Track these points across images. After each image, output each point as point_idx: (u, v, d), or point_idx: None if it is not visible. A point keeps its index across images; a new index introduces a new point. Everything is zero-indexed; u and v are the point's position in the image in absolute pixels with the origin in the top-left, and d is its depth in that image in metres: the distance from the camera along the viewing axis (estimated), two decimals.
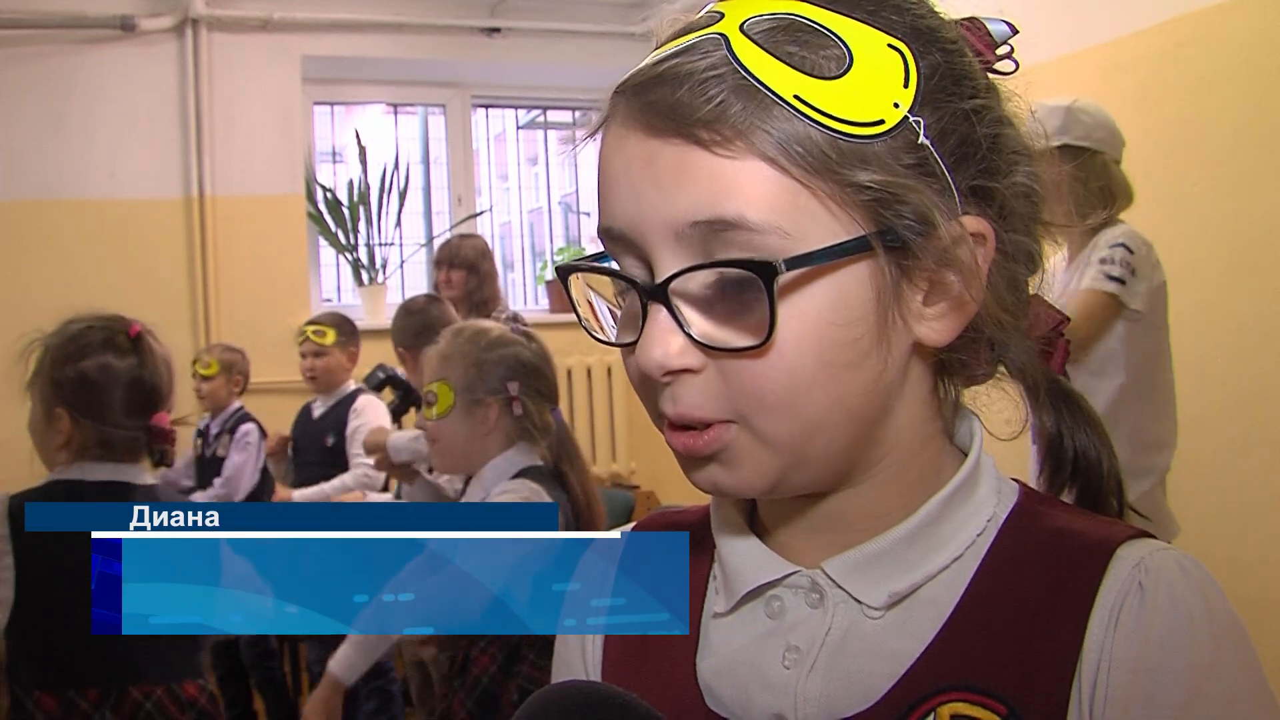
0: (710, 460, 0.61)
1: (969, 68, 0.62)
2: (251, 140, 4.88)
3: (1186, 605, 0.58)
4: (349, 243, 5.23)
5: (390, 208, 5.34)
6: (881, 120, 0.57)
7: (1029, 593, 0.61)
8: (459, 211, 5.50)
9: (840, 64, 0.57)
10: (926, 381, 0.65)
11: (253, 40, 4.91)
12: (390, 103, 5.56)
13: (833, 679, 0.62)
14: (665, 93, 0.57)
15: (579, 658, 0.76)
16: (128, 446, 1.81)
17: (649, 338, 0.59)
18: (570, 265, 0.65)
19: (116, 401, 1.79)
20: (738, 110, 0.55)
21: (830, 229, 0.56)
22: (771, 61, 0.56)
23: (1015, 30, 0.65)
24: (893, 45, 0.58)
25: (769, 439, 0.59)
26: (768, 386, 0.57)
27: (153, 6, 4.76)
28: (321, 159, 5.39)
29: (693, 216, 0.56)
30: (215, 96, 4.83)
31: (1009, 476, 0.68)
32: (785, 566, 0.66)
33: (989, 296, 0.61)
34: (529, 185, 5.94)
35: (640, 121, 0.58)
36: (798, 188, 0.56)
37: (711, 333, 0.58)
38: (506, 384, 2.06)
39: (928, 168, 0.58)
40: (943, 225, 0.58)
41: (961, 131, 0.60)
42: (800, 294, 0.57)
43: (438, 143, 5.60)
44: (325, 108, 5.41)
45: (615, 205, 0.60)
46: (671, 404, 0.60)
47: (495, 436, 2.07)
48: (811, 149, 0.55)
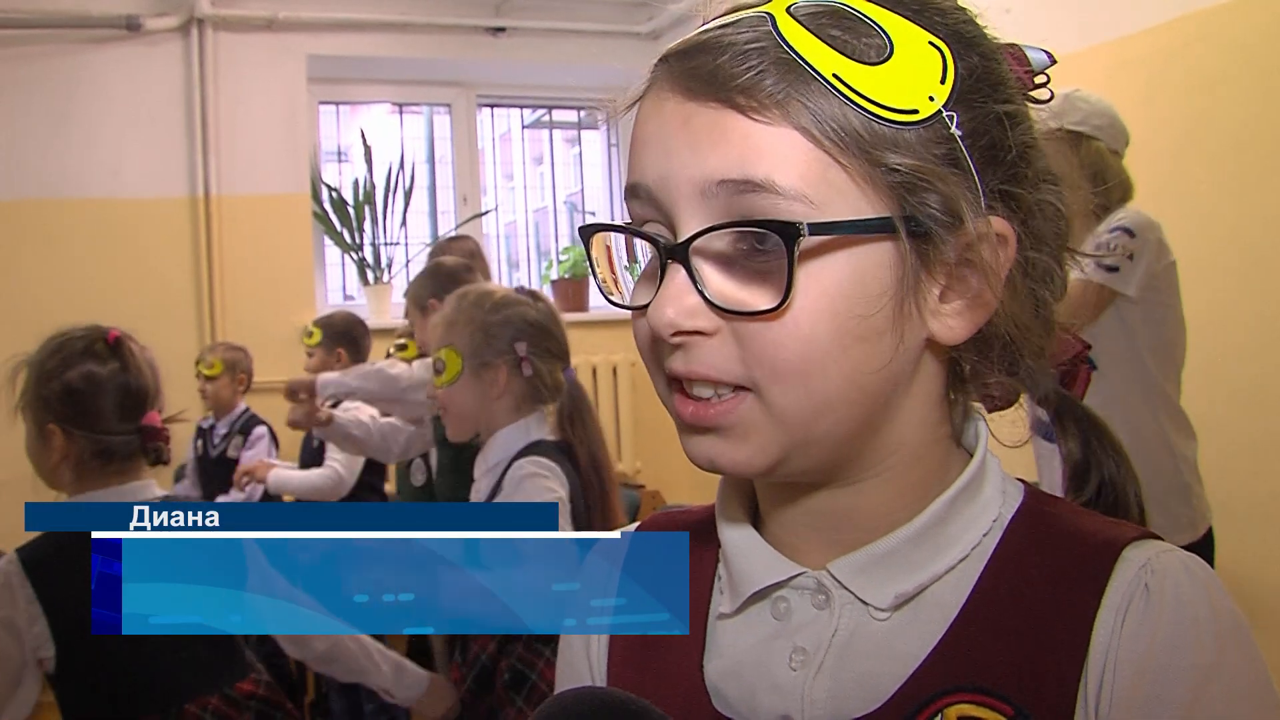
0: (712, 432, 0.61)
1: (1005, 76, 0.63)
2: (257, 140, 4.89)
3: (1192, 606, 0.58)
4: (354, 242, 5.23)
5: (395, 207, 5.34)
6: (916, 110, 0.58)
7: (1035, 594, 0.61)
8: (464, 211, 5.50)
9: (881, 52, 0.58)
10: (938, 383, 0.65)
11: (258, 40, 4.92)
12: (395, 102, 5.56)
13: (840, 680, 0.62)
14: (706, 59, 0.59)
15: (584, 660, 0.76)
16: (124, 452, 1.79)
17: (663, 296, 0.59)
18: (593, 225, 0.66)
19: (106, 408, 1.78)
20: (776, 80, 0.57)
21: (856, 205, 0.58)
22: (814, 41, 0.58)
23: (1053, 60, 0.67)
24: (933, 43, 0.60)
25: (780, 411, 0.59)
26: (781, 354, 0.58)
27: (158, 6, 4.77)
28: (327, 158, 5.39)
29: (722, 174, 0.58)
30: (220, 96, 4.83)
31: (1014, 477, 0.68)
32: (791, 568, 0.66)
33: (1006, 301, 0.62)
34: (534, 185, 5.94)
35: (680, 85, 0.60)
36: (828, 160, 0.57)
37: (728, 294, 0.59)
38: (514, 344, 2.03)
39: (957, 162, 0.59)
40: (969, 218, 0.59)
41: (993, 134, 0.61)
42: (820, 263, 0.58)
43: (443, 142, 5.60)
44: (330, 107, 5.41)
45: (646, 162, 0.61)
46: (682, 362, 0.61)
47: (506, 400, 2.04)
48: (845, 126, 0.57)
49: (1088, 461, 0.69)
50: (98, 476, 1.79)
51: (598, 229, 0.66)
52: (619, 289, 0.67)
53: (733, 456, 0.61)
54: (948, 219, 0.58)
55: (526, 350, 2.03)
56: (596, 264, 0.67)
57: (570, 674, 0.77)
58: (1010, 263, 0.62)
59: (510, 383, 2.03)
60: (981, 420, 0.69)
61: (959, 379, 0.67)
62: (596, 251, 0.67)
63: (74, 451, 1.77)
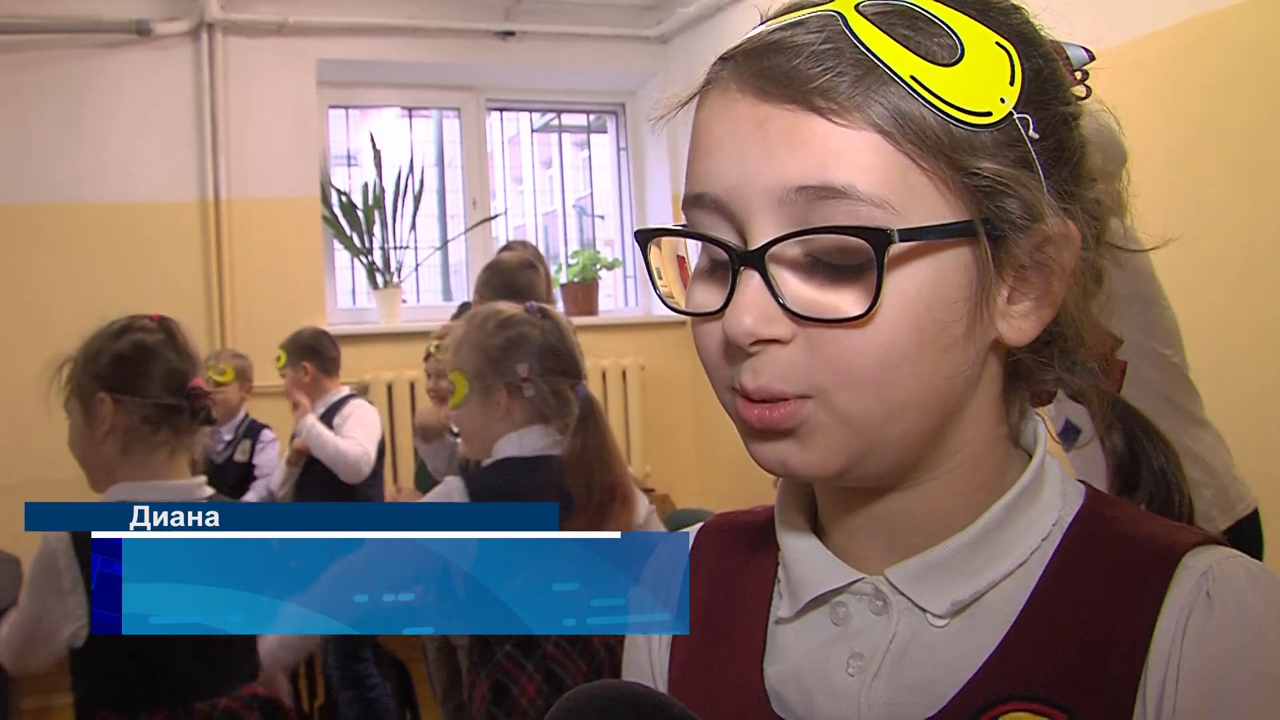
0: (783, 436, 0.60)
1: (1064, 77, 0.63)
2: (267, 144, 4.90)
3: (1256, 614, 0.57)
4: (364, 246, 5.24)
5: (405, 211, 5.35)
6: (990, 112, 0.57)
7: (1094, 601, 0.60)
8: (473, 215, 5.51)
9: (953, 53, 0.57)
10: (999, 383, 0.65)
11: (268, 44, 4.93)
12: (405, 106, 5.57)
13: (896, 687, 0.62)
14: (780, 60, 0.57)
15: (646, 660, 0.76)
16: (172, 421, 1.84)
17: (739, 304, 0.58)
18: (653, 230, 0.65)
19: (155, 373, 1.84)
20: (853, 82, 0.56)
21: (937, 209, 0.57)
22: (888, 41, 0.57)
23: (1092, 57, 0.67)
24: (1000, 44, 0.59)
25: (848, 416, 0.58)
26: (859, 361, 0.57)
27: (168, 10, 4.79)
28: (336, 162, 5.40)
29: (801, 181, 0.56)
30: (230, 100, 4.85)
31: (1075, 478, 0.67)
32: (850, 574, 0.65)
33: (1069, 300, 0.61)
34: (543, 188, 5.95)
35: (752, 86, 0.58)
36: (909, 164, 0.56)
37: (806, 301, 0.57)
38: (515, 367, 2.03)
39: (1029, 164, 0.59)
40: (1050, 220, 0.58)
41: (1060, 135, 0.60)
42: (902, 270, 0.56)
43: (452, 146, 5.61)
44: (340, 111, 5.42)
45: (715, 170, 0.59)
46: (753, 376, 0.59)
47: (509, 421, 2.04)
48: (925, 129, 0.56)
49: (1135, 457, 0.69)
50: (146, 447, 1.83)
51: (658, 233, 0.65)
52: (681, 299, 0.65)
53: (804, 458, 0.60)
54: (1025, 221, 0.58)
55: (529, 371, 2.03)
56: (660, 271, 0.65)
57: (634, 671, 0.77)
58: (1074, 261, 0.61)
59: (513, 404, 2.03)
60: (1041, 422, 0.68)
61: (1016, 378, 0.66)
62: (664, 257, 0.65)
63: (122, 420, 1.81)
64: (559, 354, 2.08)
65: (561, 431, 2.05)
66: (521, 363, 2.03)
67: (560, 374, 2.07)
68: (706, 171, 0.60)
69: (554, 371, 2.06)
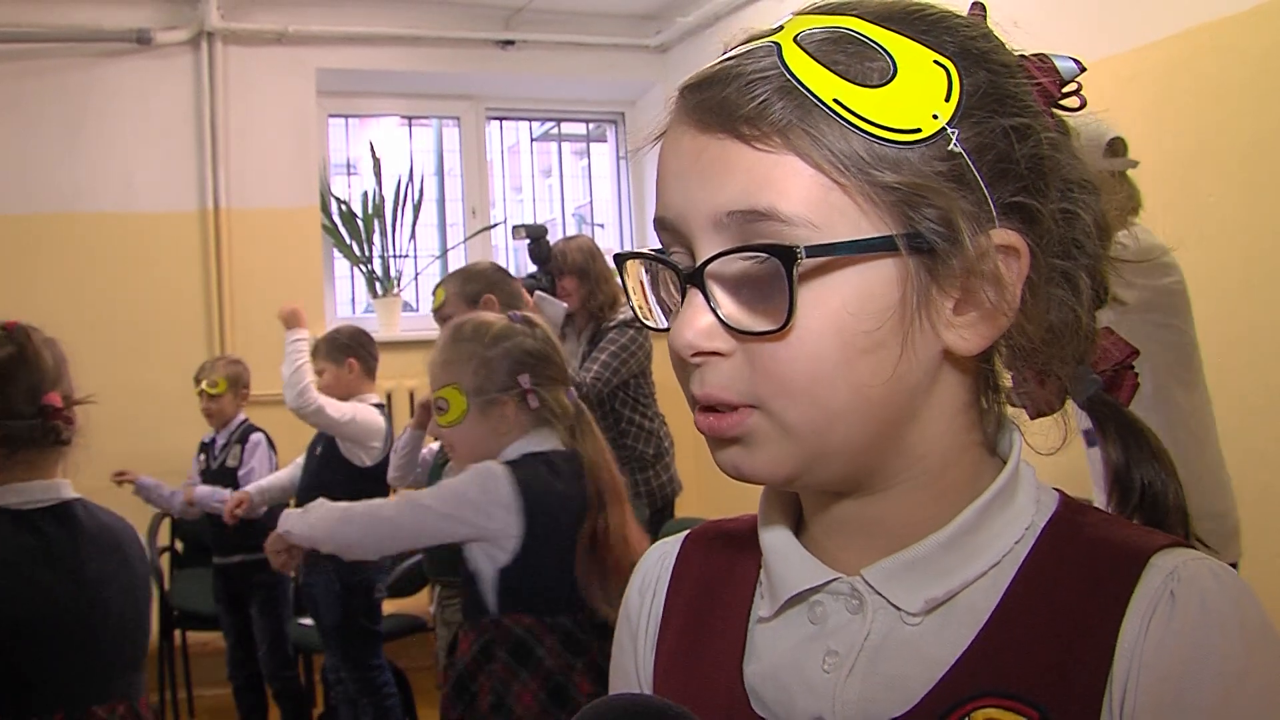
0: (734, 443, 0.64)
1: (1017, 90, 0.64)
2: (266, 153, 4.91)
3: (1219, 614, 0.59)
4: (364, 255, 5.25)
5: (405, 220, 5.36)
6: (918, 129, 0.59)
7: (1064, 600, 0.62)
8: (473, 223, 5.52)
9: (884, 75, 0.60)
10: (962, 392, 0.66)
11: (268, 53, 4.94)
12: (405, 115, 5.58)
13: (870, 683, 0.64)
14: (715, 91, 0.61)
15: (631, 662, 0.79)
16: (28, 438, 1.74)
17: (682, 319, 0.63)
18: (625, 254, 0.70)
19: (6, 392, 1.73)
20: (779, 109, 0.59)
21: (858, 225, 0.59)
22: (816, 68, 0.60)
23: (1083, 68, 0.68)
24: (938, 62, 0.61)
25: (788, 425, 0.62)
26: (789, 373, 0.60)
27: (168, 20, 4.80)
28: (336, 171, 5.41)
29: (730, 206, 0.60)
30: (230, 109, 4.86)
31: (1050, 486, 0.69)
32: (827, 573, 0.67)
33: (1024, 313, 0.63)
34: (543, 197, 5.96)
35: (693, 118, 0.63)
36: (829, 184, 0.59)
37: (739, 316, 0.61)
38: (518, 378, 2.01)
39: (963, 178, 0.60)
40: (966, 232, 0.60)
41: (1001, 148, 0.62)
42: (823, 283, 0.60)
43: (452, 155, 5.62)
44: (340, 120, 5.44)
45: (667, 197, 0.65)
46: (699, 385, 0.63)
47: (515, 433, 2.03)
48: (845, 150, 0.59)
49: (1129, 465, 0.70)
50: (6, 466, 1.74)
51: (629, 256, 0.70)
52: (653, 314, 0.69)
53: (751, 464, 0.64)
54: (948, 233, 0.60)
55: (530, 381, 2.01)
56: (632, 292, 0.70)
57: (620, 675, 0.80)
58: (1024, 274, 0.62)
59: (519, 416, 2.02)
60: (1016, 430, 0.69)
61: (991, 388, 0.68)
62: (631, 279, 0.70)
63: None
64: (553, 361, 2.09)
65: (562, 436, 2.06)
66: (523, 373, 2.02)
67: (556, 381, 2.07)
68: (662, 199, 0.65)
69: (551, 379, 2.06)
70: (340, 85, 5.18)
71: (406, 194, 5.37)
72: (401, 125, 5.60)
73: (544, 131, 5.95)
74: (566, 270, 3.71)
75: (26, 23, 4.57)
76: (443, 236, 5.57)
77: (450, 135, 5.62)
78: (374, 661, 3.72)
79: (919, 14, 0.63)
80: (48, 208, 4.61)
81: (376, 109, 5.54)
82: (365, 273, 5.28)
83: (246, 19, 4.90)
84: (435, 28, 5.18)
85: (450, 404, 2.01)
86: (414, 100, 5.53)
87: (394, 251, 5.32)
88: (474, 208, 5.55)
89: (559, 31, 5.37)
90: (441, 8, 5.19)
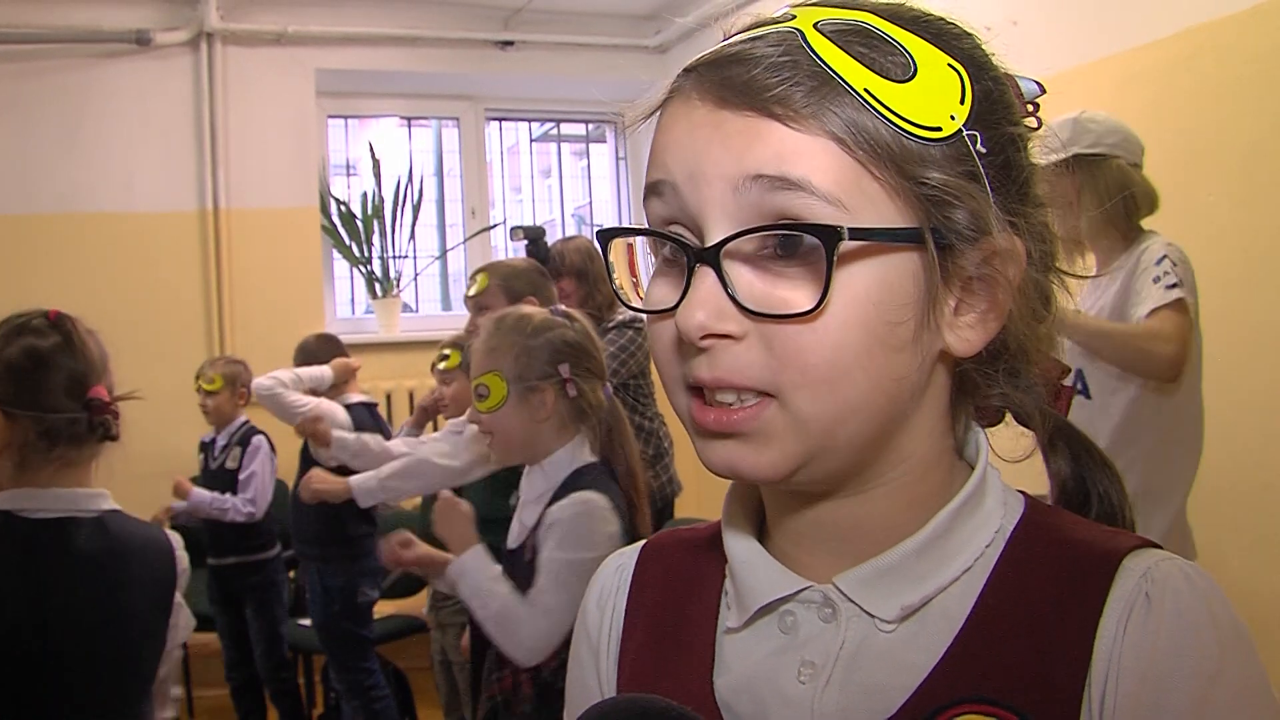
0: (732, 438, 0.61)
1: (1013, 100, 0.65)
2: (266, 153, 4.91)
3: (1192, 615, 0.59)
4: (363, 255, 5.25)
5: (404, 220, 5.36)
6: (940, 128, 0.59)
7: (1038, 604, 0.61)
8: (472, 224, 5.52)
9: (906, 71, 0.59)
10: (945, 395, 0.66)
11: (267, 54, 4.94)
12: (404, 116, 5.58)
13: (849, 693, 0.63)
14: (739, 71, 0.59)
15: (593, 676, 0.77)
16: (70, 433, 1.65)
17: (692, 300, 0.59)
18: (612, 229, 0.67)
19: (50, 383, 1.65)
20: (809, 92, 0.58)
21: (887, 215, 0.59)
22: (843, 56, 0.59)
23: (1043, 90, 0.68)
24: (952, 65, 0.61)
25: (804, 418, 0.60)
26: (811, 359, 0.58)
27: (168, 21, 4.80)
28: (335, 172, 5.41)
29: (758, 169, 0.58)
30: (230, 110, 4.86)
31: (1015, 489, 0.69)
32: (797, 582, 0.66)
33: (1015, 315, 0.64)
34: (542, 198, 5.96)
35: (712, 94, 0.60)
36: (861, 170, 0.58)
37: (759, 297, 0.59)
38: (558, 367, 2.04)
39: (977, 179, 0.61)
40: (996, 232, 0.60)
41: (1007, 154, 0.63)
42: (852, 269, 0.58)
43: (451, 155, 5.62)
44: (339, 121, 5.44)
45: (671, 160, 0.62)
46: (708, 368, 0.60)
47: (552, 422, 2.05)
48: (878, 139, 0.58)
49: (1081, 478, 0.70)
50: (43, 463, 1.64)
51: (617, 233, 0.67)
52: (638, 294, 0.67)
53: (754, 462, 0.61)
54: (972, 233, 0.60)
55: (570, 371, 2.04)
56: (614, 268, 0.67)
57: (580, 690, 0.78)
58: (1020, 277, 0.63)
59: (557, 404, 2.04)
60: (981, 433, 0.69)
61: (962, 392, 0.68)
62: (615, 256, 0.67)
63: (17, 434, 1.63)
64: (592, 355, 2.11)
65: (594, 432, 2.09)
66: (564, 363, 2.05)
67: (593, 374, 2.10)
68: (664, 163, 0.62)
69: (589, 372, 2.09)
70: (340, 86, 5.18)
71: (406, 195, 5.37)
72: (401, 126, 5.60)
73: (543, 132, 5.95)
74: (565, 271, 3.70)
75: (26, 23, 4.56)
76: (442, 237, 5.57)
77: (450, 136, 5.62)
78: (362, 664, 3.71)
79: (925, 17, 0.63)
80: (47, 208, 4.61)
81: (376, 109, 5.53)
82: (364, 273, 5.27)
83: (246, 19, 4.90)
84: (435, 28, 5.18)
85: (491, 390, 2.04)
86: (413, 101, 5.53)
87: (393, 252, 5.31)
88: (473, 208, 5.55)
89: (558, 32, 5.36)
90: (441, 8, 5.19)
